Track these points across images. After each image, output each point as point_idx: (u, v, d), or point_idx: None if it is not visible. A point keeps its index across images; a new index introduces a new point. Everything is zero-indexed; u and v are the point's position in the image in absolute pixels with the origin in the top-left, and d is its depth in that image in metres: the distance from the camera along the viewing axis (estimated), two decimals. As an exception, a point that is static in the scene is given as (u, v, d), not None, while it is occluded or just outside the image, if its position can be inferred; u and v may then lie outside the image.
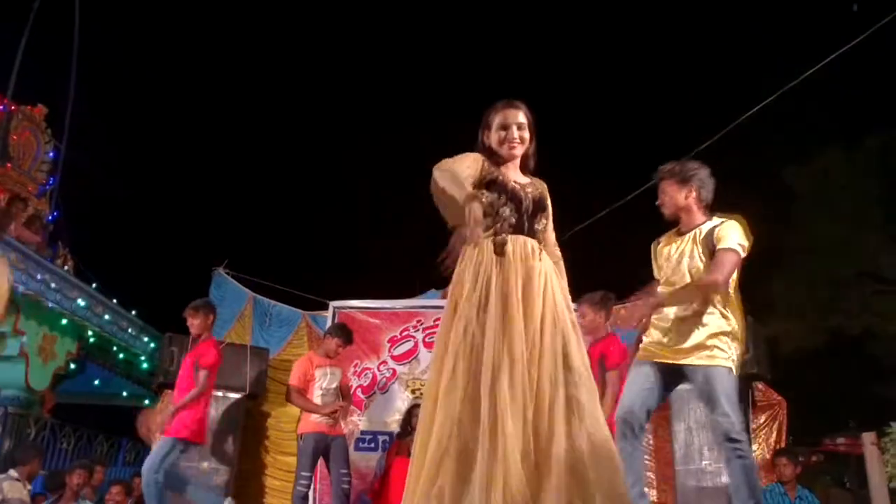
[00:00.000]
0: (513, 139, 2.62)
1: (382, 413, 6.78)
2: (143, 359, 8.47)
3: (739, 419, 3.05)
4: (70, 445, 7.72)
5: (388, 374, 6.89)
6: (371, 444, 6.64)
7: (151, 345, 8.38)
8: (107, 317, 7.62)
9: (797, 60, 6.74)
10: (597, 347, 4.50)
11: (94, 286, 7.58)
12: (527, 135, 2.66)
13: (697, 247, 3.17)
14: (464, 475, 2.18)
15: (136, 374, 8.51)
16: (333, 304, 7.16)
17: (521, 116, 2.64)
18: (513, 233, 2.52)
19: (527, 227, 2.56)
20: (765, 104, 6.52)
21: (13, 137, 7.60)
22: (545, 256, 2.56)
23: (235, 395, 6.43)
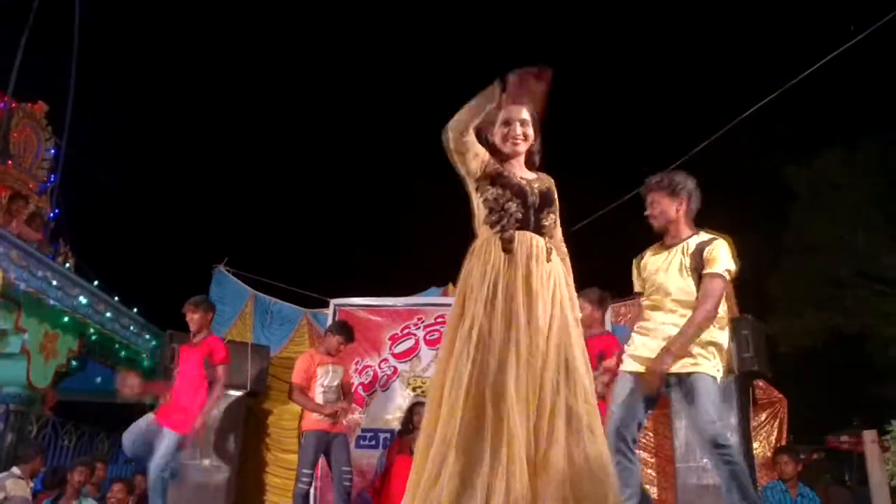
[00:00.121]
0: (516, 135, 2.60)
1: (383, 411, 6.78)
2: (145, 356, 8.47)
3: (726, 425, 3.05)
4: (72, 443, 7.72)
5: (390, 372, 6.90)
6: (372, 442, 6.65)
7: (153, 342, 8.38)
8: (108, 314, 7.62)
9: (797, 60, 6.75)
10: (596, 343, 4.51)
11: (96, 284, 7.58)
12: (530, 131, 2.64)
13: (685, 259, 3.17)
14: (467, 475, 2.17)
15: (138, 372, 8.50)
16: (334, 302, 7.16)
17: (525, 113, 2.63)
18: (519, 228, 2.50)
19: (533, 223, 2.53)
20: (764, 103, 6.52)
21: (14, 135, 7.60)
22: (555, 257, 2.54)
23: (237, 393, 6.43)
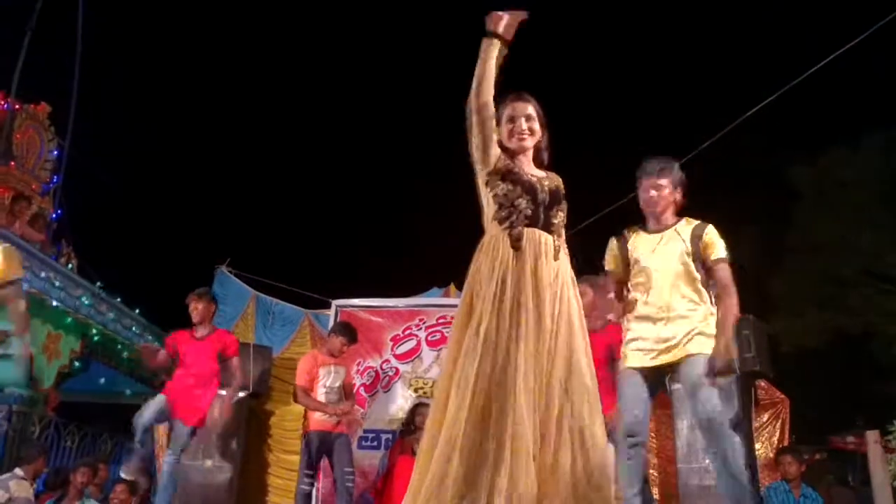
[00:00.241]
0: (522, 131, 2.59)
1: (385, 412, 6.77)
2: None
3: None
4: (74, 444, 7.72)
5: (391, 373, 6.89)
6: (374, 443, 6.64)
7: (155, 343, 8.39)
8: (110, 315, 7.64)
9: (801, 58, 6.73)
10: (603, 337, 4.48)
11: (98, 284, 7.60)
12: (536, 126, 2.63)
13: (685, 245, 3.22)
14: (472, 475, 2.17)
15: (140, 373, 8.53)
16: (336, 303, 7.16)
17: (530, 108, 2.62)
18: (528, 225, 2.48)
19: (543, 220, 2.51)
20: (768, 102, 6.50)
21: (17, 136, 7.62)
22: (563, 255, 2.53)
23: (239, 394, 6.43)
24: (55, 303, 6.73)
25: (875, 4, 6.22)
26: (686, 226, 3.29)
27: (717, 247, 3.21)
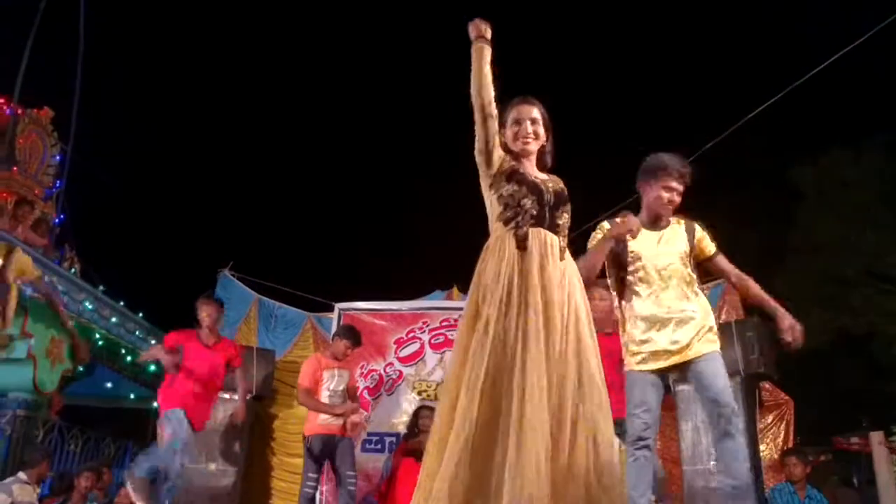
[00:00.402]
0: (526, 134, 2.61)
1: (389, 414, 6.77)
2: (150, 361, 8.47)
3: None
4: (78, 448, 7.73)
5: (395, 376, 6.89)
6: (377, 446, 6.64)
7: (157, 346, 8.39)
8: (114, 319, 7.64)
9: (802, 60, 6.73)
10: (615, 342, 4.48)
11: (101, 289, 7.60)
12: (541, 130, 2.64)
13: (686, 244, 3.28)
14: (482, 476, 2.17)
15: (143, 377, 8.53)
16: (339, 306, 7.16)
17: (535, 112, 2.64)
18: (534, 225, 2.49)
19: (548, 220, 2.52)
20: (770, 104, 6.50)
21: (20, 141, 7.62)
22: (568, 256, 2.54)
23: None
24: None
25: (877, 5, 6.22)
26: (678, 225, 3.34)
27: (709, 240, 3.34)
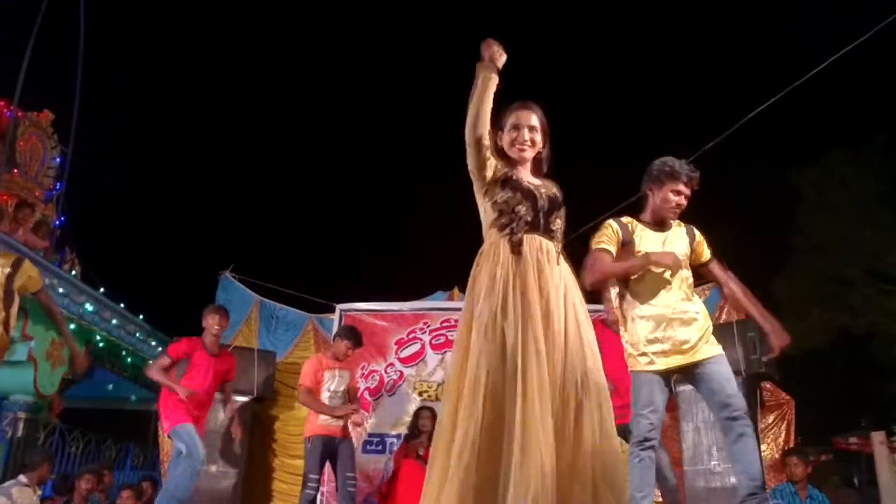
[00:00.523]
0: (523, 141, 2.59)
1: (390, 415, 6.77)
2: (151, 363, 8.47)
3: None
4: (79, 450, 7.74)
5: (396, 377, 6.89)
6: (378, 447, 6.64)
7: (159, 349, 8.38)
8: (114, 321, 7.64)
9: (802, 60, 6.74)
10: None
11: (102, 291, 7.60)
12: (538, 137, 2.62)
13: (685, 247, 3.31)
14: (491, 477, 2.17)
15: (144, 379, 8.52)
16: (340, 307, 7.16)
17: (534, 119, 2.61)
18: (529, 231, 2.48)
19: (543, 226, 2.51)
20: (769, 104, 6.50)
21: (20, 143, 7.64)
22: (562, 261, 2.53)
23: (243, 399, 6.43)
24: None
25: (876, 6, 6.23)
26: (679, 228, 3.36)
27: (706, 245, 3.38)
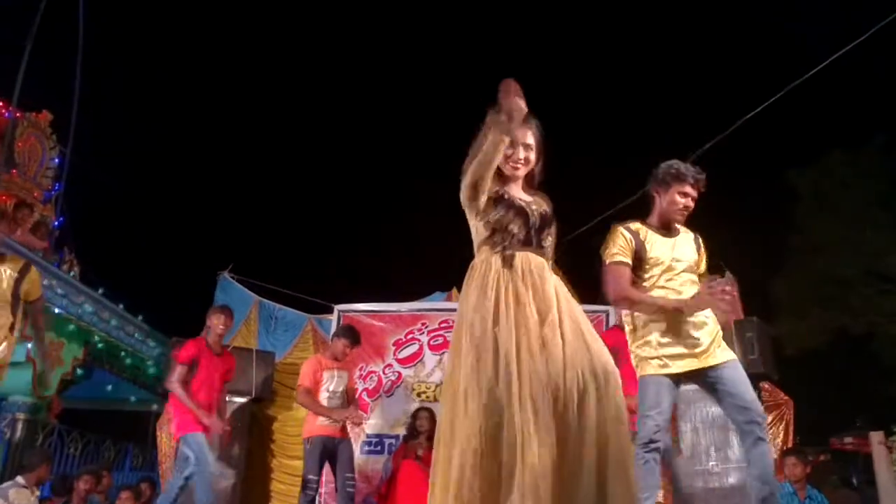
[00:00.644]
0: (517, 160, 2.58)
1: (388, 416, 6.76)
2: (150, 363, 8.49)
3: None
4: (77, 451, 7.73)
5: (394, 378, 6.89)
6: (377, 448, 6.63)
7: (158, 349, 8.39)
8: (113, 322, 7.64)
9: (801, 60, 6.74)
10: (609, 336, 4.48)
11: (101, 291, 7.60)
12: (533, 156, 2.62)
13: (693, 253, 3.32)
14: (494, 482, 2.18)
15: (143, 379, 8.53)
16: (338, 308, 7.16)
17: (529, 137, 2.59)
18: (521, 248, 2.50)
19: (535, 242, 2.53)
20: (767, 105, 6.50)
21: (18, 144, 7.64)
22: (552, 275, 2.54)
23: (242, 399, 6.43)
24: (57, 310, 6.73)
25: (875, 6, 6.23)
26: (687, 234, 3.36)
27: (705, 259, 3.39)
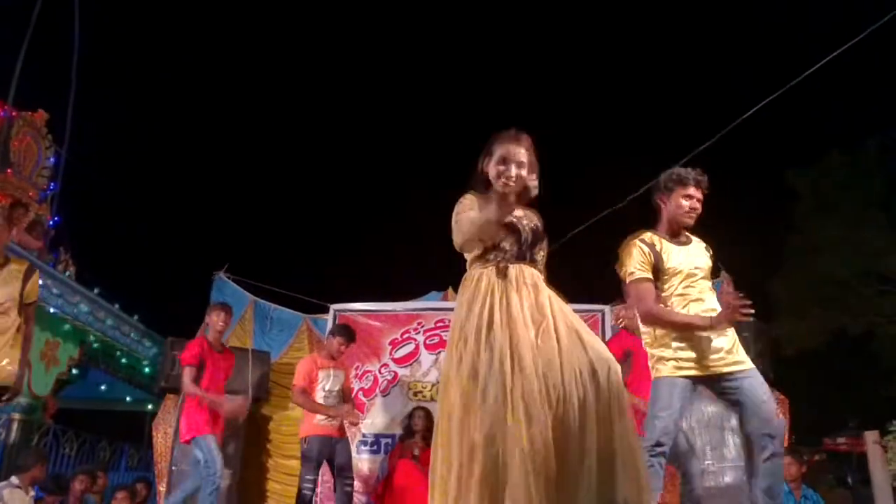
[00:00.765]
0: (509, 177, 2.56)
1: (384, 416, 6.75)
2: (146, 363, 8.47)
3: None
4: (73, 451, 7.71)
5: (390, 377, 6.88)
6: (374, 447, 6.62)
7: (153, 349, 8.38)
8: (109, 322, 7.63)
9: (799, 61, 6.73)
10: (616, 342, 4.48)
11: (96, 291, 7.59)
12: (525, 173, 2.58)
13: (705, 260, 3.32)
14: (496, 487, 2.18)
15: (139, 379, 8.52)
16: (334, 307, 7.15)
17: (523, 154, 2.57)
18: (514, 262, 2.53)
19: (527, 257, 2.56)
20: (765, 104, 6.50)
21: (14, 143, 7.63)
22: (546, 287, 2.55)
23: (238, 399, 6.41)
24: (53, 310, 6.71)
25: (874, 6, 6.22)
26: (698, 242, 3.36)
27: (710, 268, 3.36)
